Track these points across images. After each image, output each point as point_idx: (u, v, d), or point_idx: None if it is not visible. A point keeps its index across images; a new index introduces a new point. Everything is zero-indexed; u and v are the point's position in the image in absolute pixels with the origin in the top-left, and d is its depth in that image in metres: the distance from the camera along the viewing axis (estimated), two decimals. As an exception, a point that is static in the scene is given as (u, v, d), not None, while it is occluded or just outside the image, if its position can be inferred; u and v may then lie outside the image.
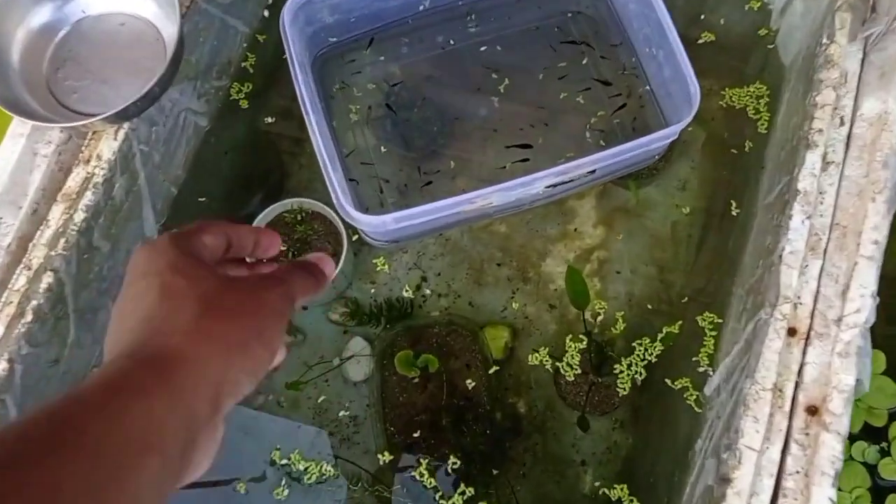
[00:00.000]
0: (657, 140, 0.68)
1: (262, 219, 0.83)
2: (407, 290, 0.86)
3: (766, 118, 0.87)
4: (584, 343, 0.82)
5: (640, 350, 0.81)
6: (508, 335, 0.87)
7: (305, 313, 0.86)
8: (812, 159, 0.65)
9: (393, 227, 0.68)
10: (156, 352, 0.24)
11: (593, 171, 0.71)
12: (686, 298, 0.83)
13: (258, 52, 0.90)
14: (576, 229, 0.88)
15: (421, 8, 0.86)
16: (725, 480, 0.55)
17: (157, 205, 0.79)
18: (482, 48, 0.86)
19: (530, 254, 0.88)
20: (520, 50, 0.87)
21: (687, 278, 0.84)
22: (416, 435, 0.81)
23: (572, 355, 0.82)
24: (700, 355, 0.78)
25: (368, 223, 0.65)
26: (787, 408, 0.57)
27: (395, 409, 0.84)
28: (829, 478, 0.55)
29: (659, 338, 0.81)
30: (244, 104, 0.90)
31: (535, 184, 0.67)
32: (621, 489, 0.77)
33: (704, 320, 0.80)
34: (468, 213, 0.74)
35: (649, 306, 0.84)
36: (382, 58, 0.85)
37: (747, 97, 0.90)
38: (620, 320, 0.83)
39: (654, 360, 0.80)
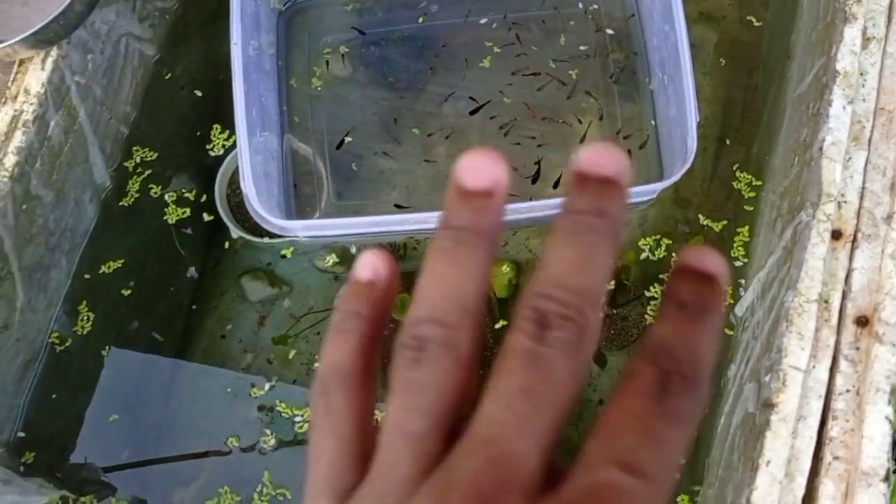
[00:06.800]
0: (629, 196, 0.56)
1: (228, 164, 0.74)
2: (396, 229, 0.78)
3: None
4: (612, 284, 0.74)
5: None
6: (512, 271, 0.79)
7: (291, 262, 0.78)
8: (851, 35, 0.56)
9: (305, 235, 0.59)
10: None
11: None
12: (710, 220, 0.75)
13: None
14: (583, 140, 0.79)
15: None
16: (768, 406, 0.48)
17: (106, 147, 0.70)
18: (482, 21, 0.74)
19: (528, 181, 0.79)
20: (528, 36, 0.74)
21: (705, 197, 0.76)
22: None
23: None
24: (735, 247, 0.68)
25: (277, 227, 0.56)
26: (834, 321, 0.50)
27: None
28: (884, 394, 0.48)
29: (691, 244, 0.71)
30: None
31: None
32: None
33: (737, 238, 0.71)
34: (406, 231, 0.65)
35: (665, 228, 0.76)
36: (359, 21, 0.73)
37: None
38: (637, 248, 0.75)
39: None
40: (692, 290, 0.15)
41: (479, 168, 0.15)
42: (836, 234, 0.52)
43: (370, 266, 0.17)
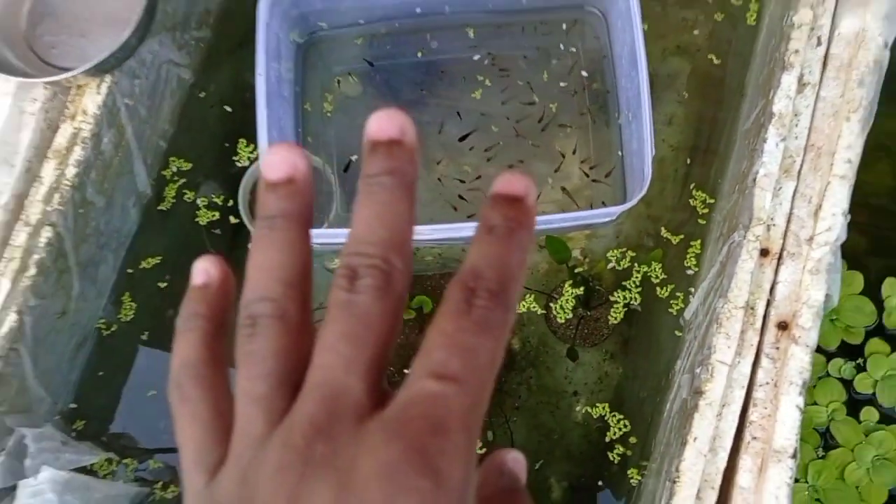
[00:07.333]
0: (590, 218, 0.66)
1: (249, 175, 0.84)
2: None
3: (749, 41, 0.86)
4: (582, 290, 0.84)
5: (636, 275, 0.82)
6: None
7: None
8: (788, 81, 0.65)
9: (314, 242, 0.69)
10: None
11: None
12: (670, 233, 0.85)
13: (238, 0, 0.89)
14: (558, 169, 0.89)
15: (417, 10, 0.83)
16: (698, 393, 0.58)
17: (147, 159, 0.81)
18: (475, 57, 0.84)
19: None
20: (515, 71, 0.84)
21: (673, 213, 0.85)
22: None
23: (567, 299, 0.84)
24: (688, 257, 0.78)
25: None
26: (758, 324, 0.60)
27: (394, 350, 0.87)
28: (796, 387, 0.58)
29: (651, 256, 0.81)
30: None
31: (446, 233, 0.66)
32: (603, 407, 0.80)
33: (691, 250, 0.81)
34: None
35: (635, 242, 0.85)
36: (368, 52, 0.84)
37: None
38: (606, 258, 0.85)
39: (658, 277, 0.81)
40: (499, 213, 0.16)
41: (276, 162, 0.17)
42: (764, 252, 0.62)
43: (202, 271, 0.18)
